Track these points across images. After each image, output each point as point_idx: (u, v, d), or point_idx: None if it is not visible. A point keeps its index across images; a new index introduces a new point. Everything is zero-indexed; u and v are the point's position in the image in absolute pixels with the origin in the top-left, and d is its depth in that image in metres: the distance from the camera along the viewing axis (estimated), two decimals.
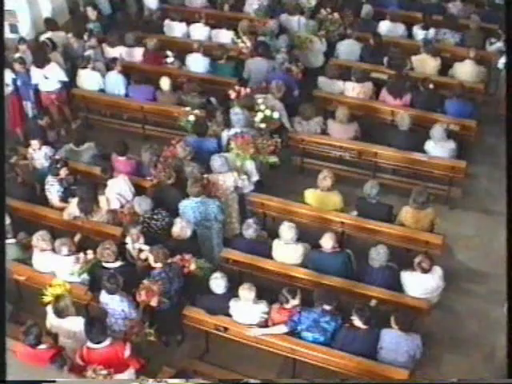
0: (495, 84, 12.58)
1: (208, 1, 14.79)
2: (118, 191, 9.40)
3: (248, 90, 11.02)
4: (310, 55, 12.89)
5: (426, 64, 12.31)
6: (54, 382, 6.60)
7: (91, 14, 13.60)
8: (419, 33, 13.18)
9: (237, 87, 11.02)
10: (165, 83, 11.62)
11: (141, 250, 8.47)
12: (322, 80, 11.99)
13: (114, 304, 7.72)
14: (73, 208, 9.25)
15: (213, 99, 11.41)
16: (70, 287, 7.75)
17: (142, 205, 8.99)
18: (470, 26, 13.24)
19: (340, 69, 12.08)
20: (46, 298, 7.56)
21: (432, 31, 13.10)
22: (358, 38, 12.92)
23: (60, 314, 7.49)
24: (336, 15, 13.23)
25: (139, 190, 9.55)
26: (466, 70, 12.15)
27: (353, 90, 11.68)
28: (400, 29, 13.36)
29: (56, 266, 8.36)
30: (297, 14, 13.56)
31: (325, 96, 11.85)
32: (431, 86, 11.46)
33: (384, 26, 13.35)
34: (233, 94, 10.86)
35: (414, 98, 11.47)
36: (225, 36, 13.28)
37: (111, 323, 7.71)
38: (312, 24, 13.23)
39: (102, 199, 9.27)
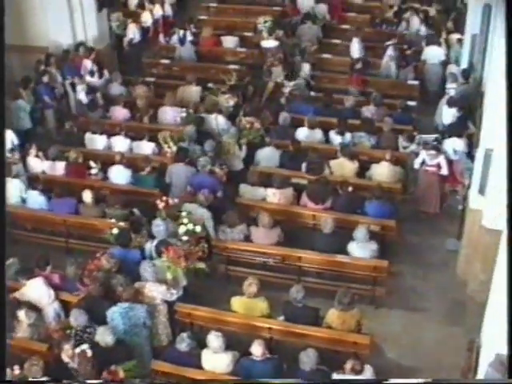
0: (413, 183, 13.26)
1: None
2: (36, 295, 9.47)
3: (176, 200, 11.35)
4: (231, 159, 13.44)
5: (344, 167, 12.90)
6: (54, 381, 6.34)
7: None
8: (336, 137, 13.83)
9: (164, 197, 11.33)
10: (87, 196, 11.87)
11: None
12: (243, 187, 12.45)
13: None
14: None
15: (136, 210, 11.66)
16: None
17: (78, 318, 9.08)
18: (384, 128, 14.02)
19: (261, 176, 12.58)
20: None
21: (348, 135, 13.78)
22: (277, 144, 13.50)
23: None
24: (257, 124, 13.88)
25: (66, 305, 9.62)
26: (383, 171, 12.81)
27: (274, 195, 12.14)
28: (317, 134, 14.03)
29: None
30: (215, 112, 14.22)
31: (247, 203, 12.28)
32: (350, 188, 12.00)
33: (302, 132, 14.00)
34: (160, 204, 11.13)
35: (334, 202, 11.99)
36: (146, 147, 13.72)
37: None
38: (232, 131, 13.83)
39: (20, 314, 9.26)
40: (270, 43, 17.31)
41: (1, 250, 5.21)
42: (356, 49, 17.38)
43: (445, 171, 12.74)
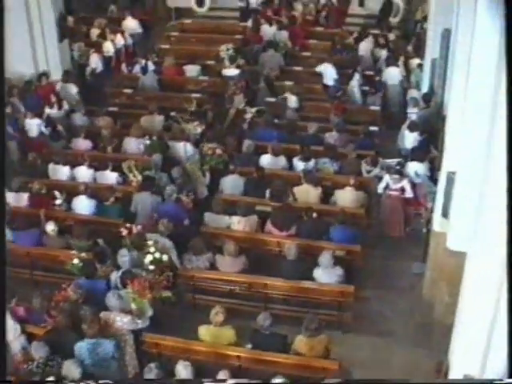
0: (377, 207, 13.36)
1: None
2: None
3: (139, 227, 11.31)
4: (196, 186, 13.47)
5: (308, 193, 12.96)
6: (55, 382, 6.16)
7: None
8: (299, 164, 13.92)
9: (128, 225, 11.30)
10: (51, 227, 11.77)
11: None
12: (208, 215, 12.45)
13: None
14: None
15: (100, 241, 11.58)
16: None
17: (39, 351, 8.97)
18: (348, 154, 14.14)
19: (225, 204, 12.60)
20: None
21: (312, 161, 13.86)
22: (241, 172, 13.54)
23: None
24: (218, 151, 13.95)
25: (33, 338, 9.50)
26: (346, 197, 12.90)
27: (238, 223, 12.14)
28: (281, 161, 14.10)
29: None
30: (183, 140, 14.26)
31: (212, 231, 12.27)
32: (315, 214, 12.06)
33: (265, 159, 14.06)
34: (124, 232, 11.11)
35: (298, 228, 12.04)
36: (109, 177, 13.67)
37: None
38: (196, 157, 13.90)
39: None
40: (231, 72, 17.43)
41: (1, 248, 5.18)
42: (330, 75, 17.53)
43: (408, 194, 12.87)
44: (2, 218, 5.28)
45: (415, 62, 17.78)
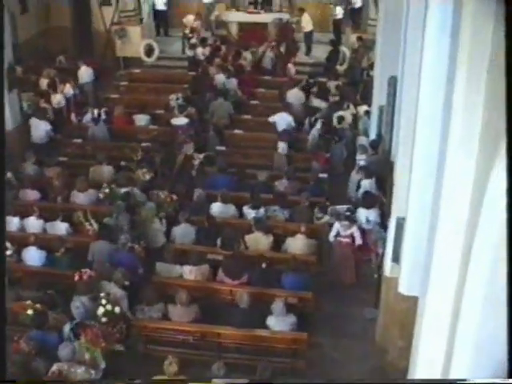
0: (328, 254, 13.45)
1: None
2: None
3: (92, 272, 11.23)
4: (152, 234, 13.43)
5: (259, 242, 13.00)
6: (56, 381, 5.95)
7: None
8: (250, 212, 13.98)
9: (82, 270, 11.24)
10: None
11: None
12: (159, 265, 12.38)
13: None
14: None
15: (51, 292, 11.43)
16: None
17: None
18: (298, 201, 14.23)
19: (176, 253, 12.58)
20: None
21: (262, 209, 13.94)
22: (192, 220, 13.54)
23: None
24: (174, 197, 14.04)
25: None
26: (297, 244, 12.96)
27: (190, 273, 12.11)
28: (231, 209, 14.15)
29: None
30: (130, 186, 14.32)
31: (164, 281, 12.21)
32: (265, 263, 12.10)
33: (216, 208, 14.09)
34: (76, 277, 11.06)
35: (250, 276, 12.05)
36: (59, 228, 13.55)
37: None
38: (150, 205, 13.89)
39: None
40: (180, 120, 17.50)
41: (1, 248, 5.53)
42: (286, 124, 17.74)
43: (358, 242, 13.00)
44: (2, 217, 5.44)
45: (363, 109, 18.10)
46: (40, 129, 17.46)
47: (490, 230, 5.71)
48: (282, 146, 16.71)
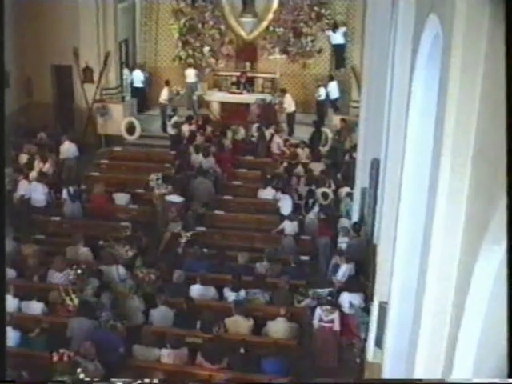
0: (309, 338, 13.31)
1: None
2: None
3: (71, 353, 11.08)
4: (131, 312, 13.30)
5: (239, 325, 12.88)
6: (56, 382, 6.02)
7: None
8: (230, 294, 13.87)
9: (62, 350, 11.10)
10: None
11: None
12: (137, 348, 12.17)
13: None
14: None
15: (24, 374, 11.11)
16: None
17: None
18: (279, 284, 14.16)
19: (155, 335, 12.40)
20: None
21: (242, 292, 13.85)
22: (171, 303, 13.41)
23: None
24: (153, 276, 13.94)
25: None
26: (278, 328, 12.85)
27: (168, 356, 11.94)
28: (211, 291, 14.03)
29: None
30: (113, 264, 14.26)
31: (140, 364, 12.00)
32: (245, 348, 11.95)
33: (195, 290, 13.98)
34: (55, 357, 10.95)
35: (230, 360, 11.86)
36: (35, 307, 13.38)
37: None
38: (130, 282, 13.87)
39: None
40: (175, 198, 17.51)
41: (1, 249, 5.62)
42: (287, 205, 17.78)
43: (336, 328, 12.94)
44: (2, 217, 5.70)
45: (345, 190, 18.20)
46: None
47: (477, 313, 5.69)
48: (290, 227, 16.76)
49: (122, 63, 25.70)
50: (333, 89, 24.52)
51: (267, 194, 18.62)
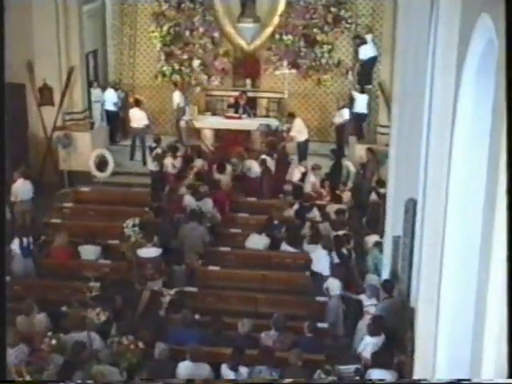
0: None
1: None
2: None
3: None
4: None
5: None
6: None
7: None
8: (229, 373, 13.69)
9: None
10: None
11: None
12: None
13: None
14: None
15: None
16: None
17: None
18: (290, 359, 14.00)
19: None
20: None
21: (244, 370, 13.70)
22: None
23: None
24: (140, 344, 13.96)
25: None
26: None
27: None
28: (204, 370, 13.84)
29: None
30: (85, 329, 14.27)
31: None
32: None
33: (184, 368, 13.79)
34: None
35: None
36: None
37: None
38: (106, 353, 13.91)
39: None
40: (150, 252, 17.37)
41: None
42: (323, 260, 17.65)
43: None
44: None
45: (372, 239, 18.08)
46: None
47: None
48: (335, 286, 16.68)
49: (91, 81, 25.79)
50: (360, 103, 24.55)
51: (284, 245, 18.56)
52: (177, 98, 25.72)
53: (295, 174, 22.36)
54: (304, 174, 22.21)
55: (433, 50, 11.27)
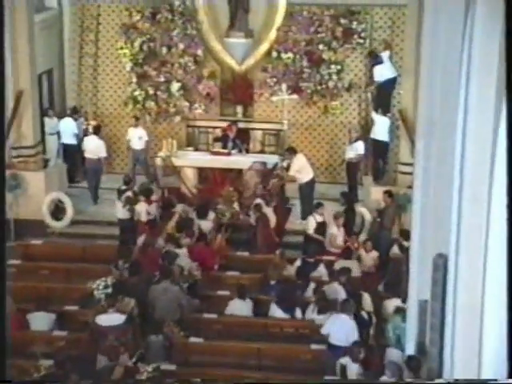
0: None
1: None
2: None
3: None
4: None
5: None
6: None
7: None
8: None
9: None
10: None
11: None
12: None
13: None
14: None
15: None
16: None
17: None
18: None
19: None
20: None
21: None
22: None
23: None
24: None
25: None
26: None
27: None
28: None
29: None
30: None
31: None
32: None
33: None
34: None
35: None
36: None
37: None
38: None
39: None
40: (112, 319, 17.23)
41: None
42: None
43: None
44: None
45: (393, 304, 18.01)
46: None
47: None
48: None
49: (45, 108, 25.77)
50: (380, 128, 24.57)
51: (274, 309, 18.44)
52: (134, 135, 25.81)
53: (310, 224, 22.12)
54: (320, 225, 22.03)
55: (467, 71, 11.24)
